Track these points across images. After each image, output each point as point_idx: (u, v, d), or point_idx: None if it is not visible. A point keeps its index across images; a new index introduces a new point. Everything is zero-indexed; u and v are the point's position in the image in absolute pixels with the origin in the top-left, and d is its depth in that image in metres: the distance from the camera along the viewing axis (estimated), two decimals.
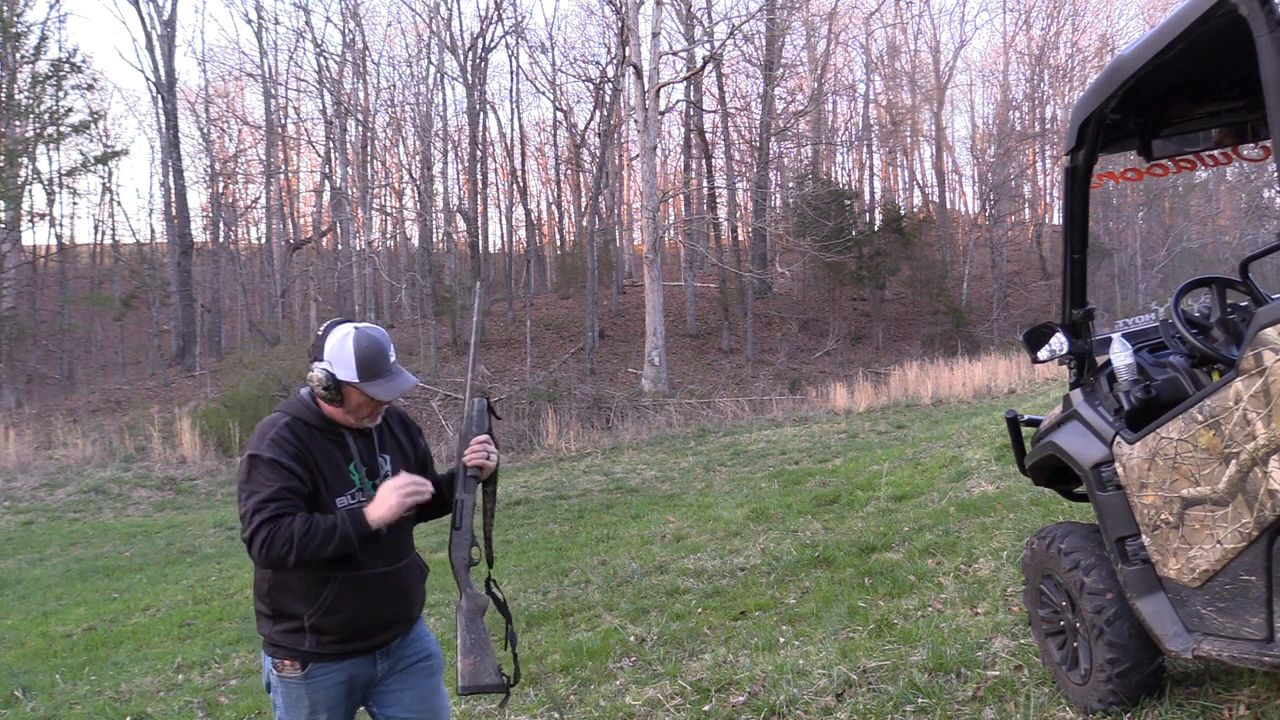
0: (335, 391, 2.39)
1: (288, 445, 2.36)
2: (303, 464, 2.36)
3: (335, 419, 2.46)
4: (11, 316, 25.95)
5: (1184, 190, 34.25)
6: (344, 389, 2.40)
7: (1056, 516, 5.77)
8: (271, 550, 2.24)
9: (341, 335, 2.41)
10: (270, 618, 2.45)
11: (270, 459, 2.32)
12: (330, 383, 2.38)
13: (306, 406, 2.47)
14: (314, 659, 2.43)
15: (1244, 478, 2.29)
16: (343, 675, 2.48)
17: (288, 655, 2.43)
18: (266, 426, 2.41)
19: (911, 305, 32.88)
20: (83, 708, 5.43)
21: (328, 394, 2.40)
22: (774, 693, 3.78)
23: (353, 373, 2.38)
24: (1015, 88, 38.83)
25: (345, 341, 2.39)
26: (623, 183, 38.24)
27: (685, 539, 8.15)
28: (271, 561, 2.27)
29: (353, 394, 2.42)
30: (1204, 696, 2.93)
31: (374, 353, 2.40)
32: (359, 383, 2.38)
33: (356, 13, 31.15)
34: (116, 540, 12.31)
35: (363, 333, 2.43)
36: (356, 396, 2.42)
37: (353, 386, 2.40)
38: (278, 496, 2.28)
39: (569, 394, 21.76)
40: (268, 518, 2.25)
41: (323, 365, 2.39)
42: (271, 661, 2.48)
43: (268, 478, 2.31)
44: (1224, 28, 2.15)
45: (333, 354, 2.39)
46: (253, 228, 41.64)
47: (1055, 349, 3.23)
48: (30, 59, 26.61)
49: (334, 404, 2.42)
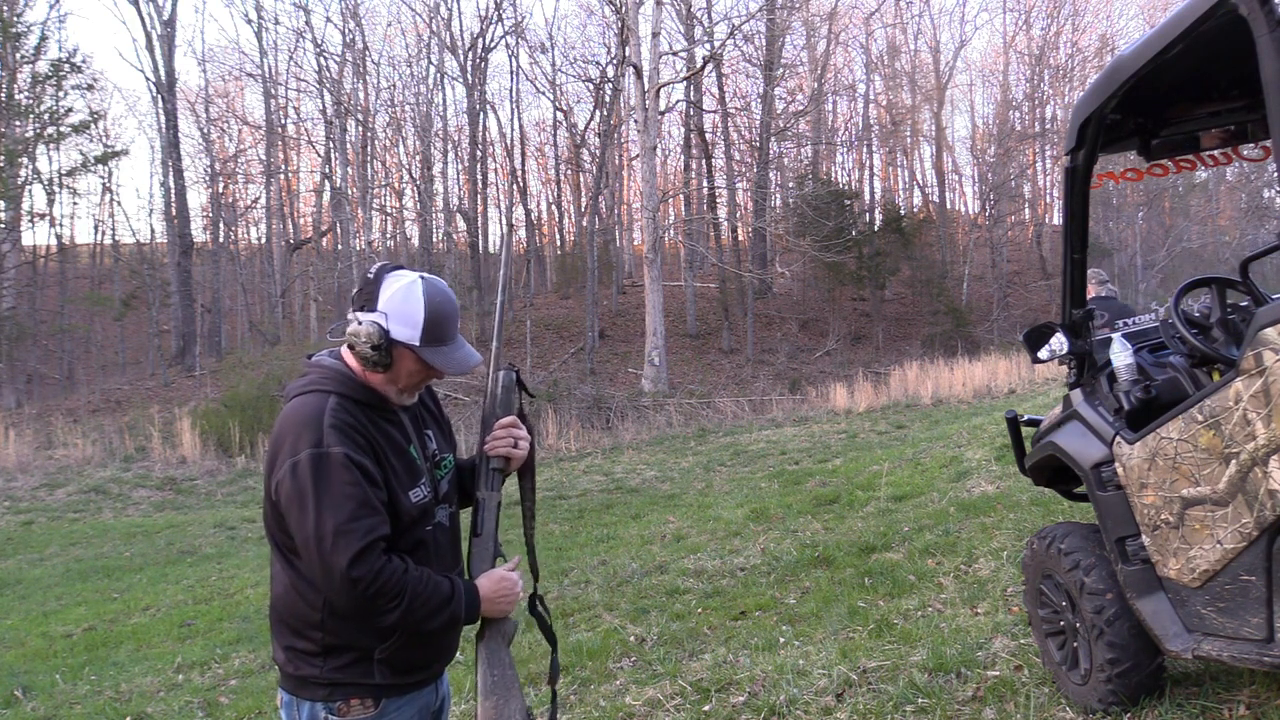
0: (385, 354, 1.84)
1: (353, 434, 1.81)
2: (374, 457, 1.84)
3: (385, 393, 1.93)
4: (11, 316, 25.95)
5: (1184, 190, 34.27)
6: (396, 351, 1.86)
7: (1056, 516, 5.78)
8: (378, 599, 1.76)
9: (405, 284, 1.87)
10: (319, 654, 1.88)
11: (342, 455, 1.77)
12: (381, 341, 1.83)
13: (348, 378, 1.89)
14: (386, 693, 1.91)
15: (1244, 478, 2.29)
16: (414, 710, 1.99)
17: (355, 692, 1.89)
18: (313, 414, 1.81)
19: (911, 305, 32.87)
20: (83, 708, 5.43)
21: (375, 355, 1.83)
22: (774, 693, 3.77)
23: (415, 332, 1.85)
24: (1015, 88, 38.87)
25: (411, 291, 1.86)
26: (623, 183, 38.24)
27: (685, 539, 8.15)
28: (364, 609, 1.78)
29: (406, 359, 1.88)
30: (1204, 696, 2.93)
31: (446, 310, 1.89)
32: (419, 346, 1.86)
33: (356, 13, 31.16)
34: (116, 540, 12.31)
35: (432, 284, 1.89)
36: (410, 363, 1.89)
37: (409, 350, 1.86)
38: (364, 514, 1.76)
39: (569, 394, 21.75)
40: (361, 548, 1.74)
41: (373, 318, 1.83)
42: (326, 708, 1.88)
43: (343, 487, 1.76)
44: (1224, 28, 2.15)
45: (391, 305, 1.84)
46: (253, 228, 41.67)
47: (1055, 349, 3.23)
48: (30, 59, 26.61)
49: (376, 369, 1.86)
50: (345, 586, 1.74)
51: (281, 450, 1.81)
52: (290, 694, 1.94)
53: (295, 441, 1.80)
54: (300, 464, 1.77)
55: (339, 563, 1.73)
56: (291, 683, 1.93)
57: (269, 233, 37.78)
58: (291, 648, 1.91)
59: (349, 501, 1.76)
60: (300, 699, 1.91)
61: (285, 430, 1.84)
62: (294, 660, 1.91)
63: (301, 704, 1.91)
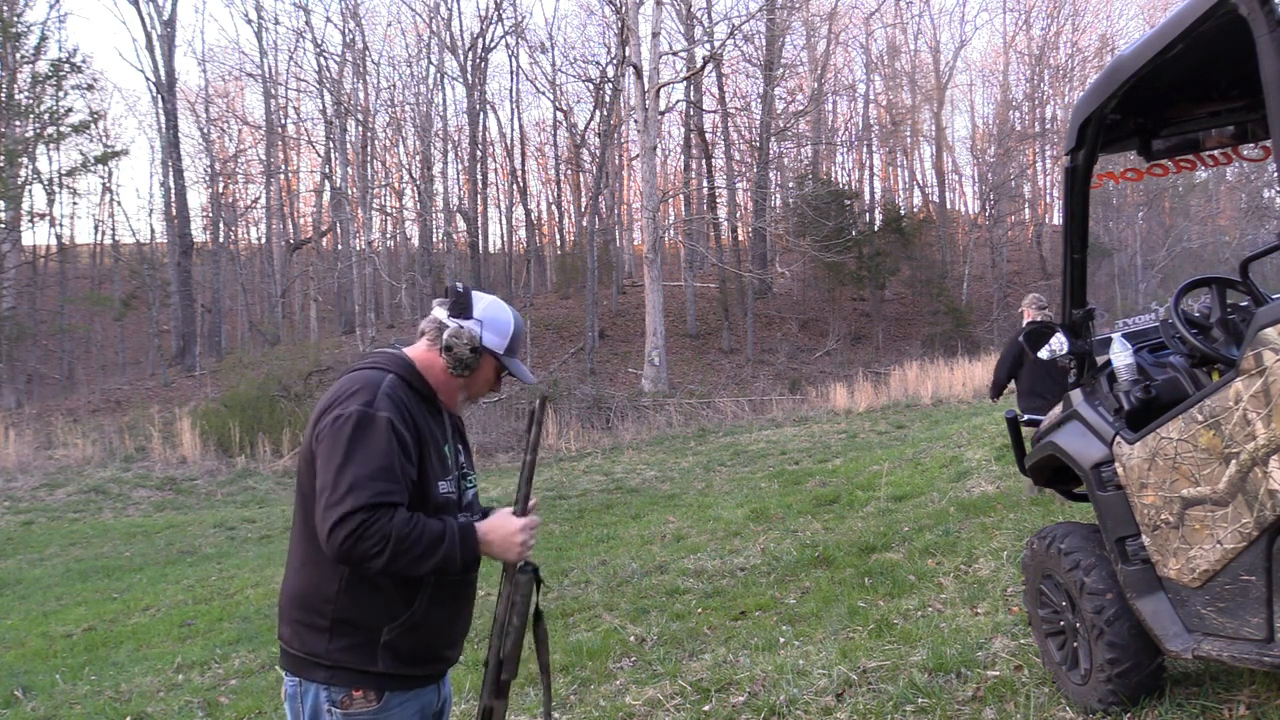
0: (477, 357, 2.05)
1: (402, 408, 1.94)
2: (413, 435, 1.94)
3: (435, 390, 2.09)
4: (11, 316, 25.95)
5: (1184, 190, 34.26)
6: (483, 357, 2.07)
7: (1056, 516, 5.78)
8: (359, 544, 1.80)
9: (493, 300, 2.13)
10: (326, 630, 1.92)
11: (387, 419, 1.88)
12: (478, 344, 2.04)
13: (409, 365, 2.05)
14: (389, 684, 1.95)
15: (1244, 478, 2.29)
16: (416, 707, 2.03)
17: (357, 682, 1.92)
18: (371, 380, 1.95)
19: (911, 305, 32.87)
20: (83, 708, 5.43)
21: (470, 358, 2.03)
22: (774, 693, 3.77)
23: (503, 341, 2.09)
24: (1015, 88, 38.88)
25: (501, 306, 2.12)
26: (623, 183, 38.24)
27: (685, 539, 8.15)
28: (350, 557, 1.83)
29: (489, 366, 2.10)
30: (1204, 696, 2.93)
31: (522, 329, 2.17)
32: (504, 355, 2.10)
33: (356, 13, 31.14)
34: (116, 540, 12.31)
35: (510, 305, 2.17)
36: (489, 371, 2.11)
37: (494, 357, 2.09)
38: (385, 478, 1.84)
39: (569, 394, 21.75)
40: (367, 504, 1.81)
41: (472, 324, 2.05)
42: (328, 693, 1.92)
43: (378, 447, 1.85)
44: (1224, 28, 2.15)
45: (486, 315, 2.08)
46: (253, 228, 41.70)
47: (1055, 349, 3.23)
48: (30, 59, 26.62)
49: (458, 371, 2.05)
50: (337, 533, 1.80)
51: (332, 406, 1.93)
52: (293, 675, 1.97)
53: (347, 400, 1.91)
54: (346, 417, 1.88)
55: (341, 508, 1.80)
56: (294, 663, 1.96)
57: (269, 233, 37.80)
58: (300, 622, 1.95)
59: (378, 460, 1.85)
60: (304, 681, 1.94)
61: (340, 390, 1.95)
62: (300, 635, 1.95)
63: (306, 691, 1.94)
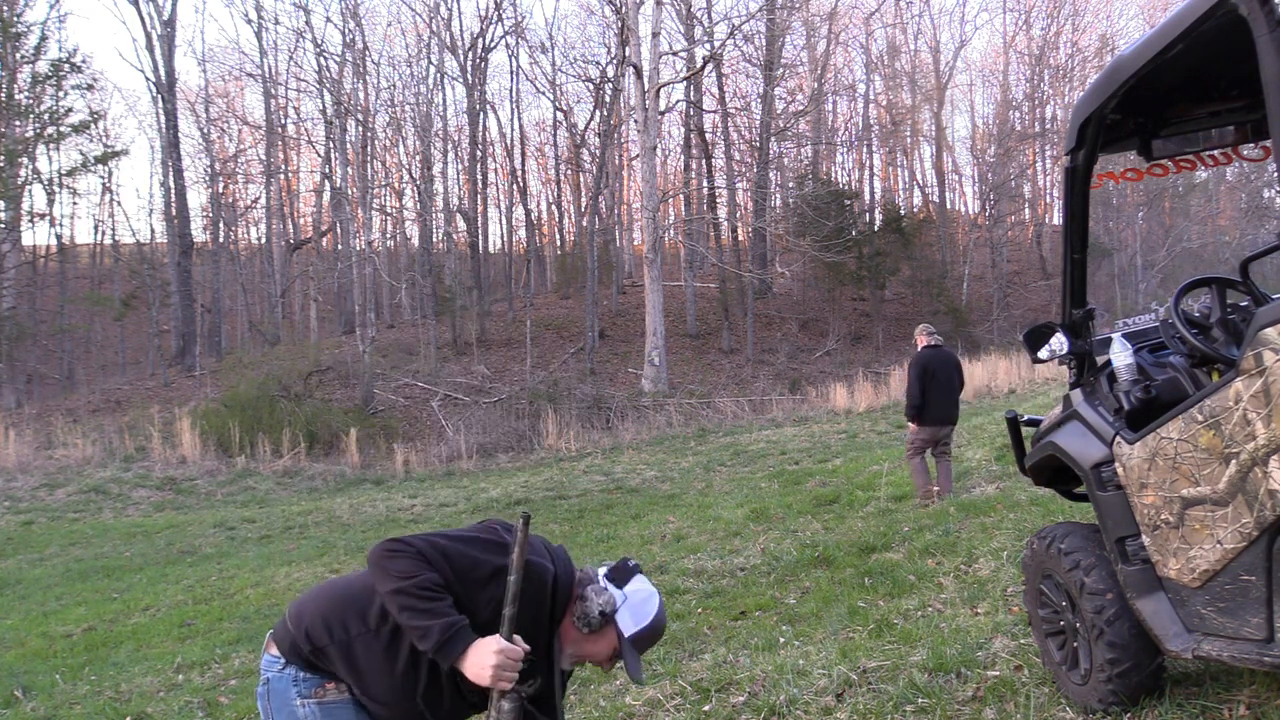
0: (601, 622, 2.16)
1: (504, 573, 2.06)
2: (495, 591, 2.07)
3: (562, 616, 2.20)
4: (11, 316, 25.95)
5: (1184, 190, 34.26)
6: (607, 628, 2.17)
7: (1056, 516, 5.77)
8: (388, 562, 1.97)
9: (650, 590, 2.23)
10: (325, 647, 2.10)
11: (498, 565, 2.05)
12: (610, 611, 2.15)
13: (555, 577, 2.19)
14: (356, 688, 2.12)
15: (1244, 478, 2.29)
16: None
17: (330, 677, 2.10)
18: (537, 567, 2.12)
19: (911, 305, 32.86)
20: (83, 708, 5.43)
21: (598, 620, 2.15)
22: (774, 693, 3.77)
23: (635, 628, 2.18)
24: (1015, 88, 38.88)
25: (652, 599, 2.22)
26: (623, 183, 38.24)
27: (685, 539, 8.16)
28: (374, 564, 2.00)
29: (609, 641, 2.18)
30: (1204, 697, 2.92)
31: (659, 633, 2.25)
32: (629, 638, 2.17)
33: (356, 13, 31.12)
34: (116, 540, 12.31)
35: (663, 609, 2.27)
36: (607, 647, 2.19)
37: (619, 635, 2.17)
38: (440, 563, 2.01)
39: (569, 394, 21.75)
40: (419, 554, 1.98)
41: (618, 595, 2.18)
42: (299, 686, 2.09)
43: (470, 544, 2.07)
44: (1224, 28, 2.15)
45: (634, 598, 2.19)
46: (253, 228, 41.70)
47: (1055, 349, 3.23)
48: (30, 59, 26.62)
49: (587, 629, 2.17)
50: (382, 542, 2.01)
51: None
52: (268, 656, 2.14)
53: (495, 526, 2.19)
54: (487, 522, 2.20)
55: (395, 543, 2.01)
56: (284, 639, 2.13)
57: (269, 233, 37.79)
58: (320, 615, 2.12)
59: (457, 546, 2.05)
60: (274, 665, 2.12)
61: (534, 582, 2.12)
62: (313, 628, 2.10)
63: (278, 682, 2.10)
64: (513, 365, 26.82)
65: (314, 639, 2.09)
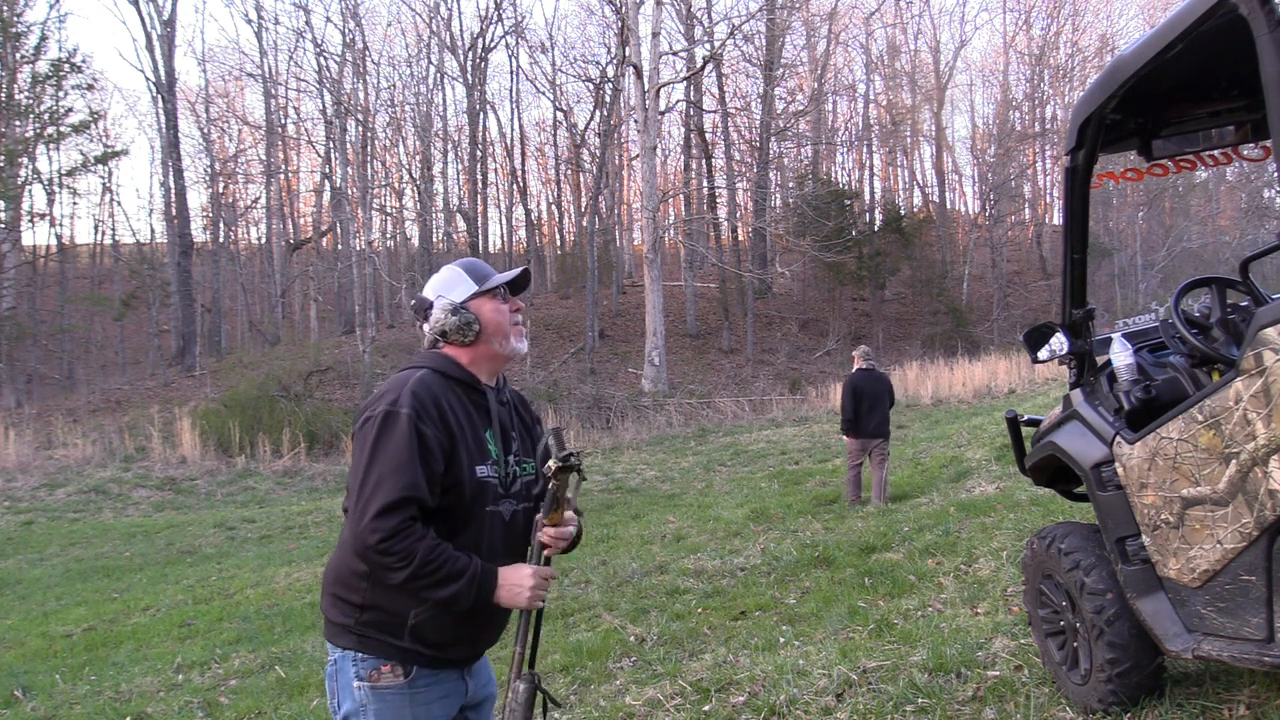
0: (466, 313, 2.10)
1: (430, 404, 1.98)
2: (444, 427, 1.99)
3: (477, 373, 2.14)
4: (11, 316, 25.96)
5: (1184, 190, 34.28)
6: (472, 307, 2.12)
7: (1056, 516, 5.78)
8: (385, 557, 1.87)
9: (440, 271, 2.20)
10: (358, 606, 2.00)
11: (411, 419, 1.93)
12: (456, 308, 2.10)
13: (443, 357, 2.11)
14: (417, 659, 2.01)
15: (1244, 478, 2.29)
16: (443, 691, 2.07)
17: (385, 655, 1.99)
18: (401, 380, 2.02)
19: (911, 305, 32.87)
20: (83, 708, 5.42)
21: (459, 319, 2.09)
22: (774, 693, 3.77)
23: (469, 284, 2.13)
24: (1015, 88, 38.88)
25: (445, 270, 2.18)
26: (623, 183, 38.25)
27: (685, 539, 8.16)
28: (373, 563, 1.91)
29: (484, 307, 2.13)
30: (1204, 696, 2.92)
31: (475, 264, 2.19)
32: (482, 290, 2.13)
33: (356, 13, 31.15)
34: (116, 540, 12.31)
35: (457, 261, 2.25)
36: (489, 308, 2.13)
37: (481, 297, 2.13)
38: (412, 485, 1.90)
39: (569, 394, 21.75)
40: (398, 500, 1.87)
41: (436, 306, 2.12)
42: (356, 667, 2.01)
43: (402, 451, 1.91)
44: (1224, 28, 2.15)
45: (438, 286, 2.15)
46: (253, 228, 41.70)
47: (1055, 349, 3.23)
48: (30, 59, 26.64)
49: (472, 338, 2.11)
50: (367, 530, 1.87)
51: (365, 409, 2.01)
52: (332, 646, 2.05)
53: (377, 402, 1.99)
54: (372, 419, 1.96)
55: (371, 508, 1.88)
56: (330, 631, 2.05)
57: (269, 233, 37.80)
58: (336, 595, 2.04)
59: (399, 470, 1.90)
60: (336, 648, 2.03)
61: (377, 394, 2.03)
62: (336, 606, 2.03)
63: (343, 661, 2.02)
64: (513, 365, 26.80)
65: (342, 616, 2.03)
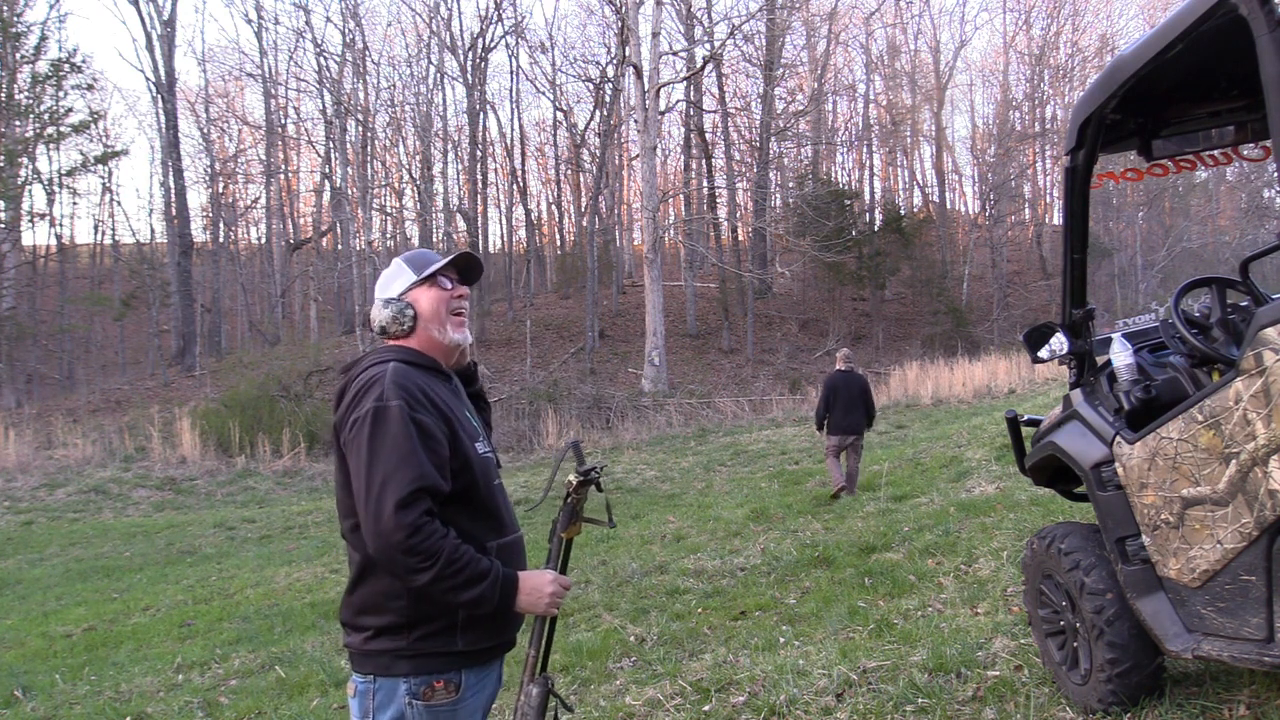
0: (404, 306, 2.06)
1: (416, 391, 1.92)
2: (437, 411, 1.93)
3: (430, 354, 2.09)
4: (11, 316, 25.96)
5: (1184, 190, 34.28)
6: (410, 299, 2.08)
7: (1056, 516, 5.77)
8: (413, 554, 1.78)
9: (385, 270, 2.18)
10: (405, 626, 1.91)
11: (403, 409, 1.86)
12: (393, 301, 2.07)
13: (404, 349, 2.06)
14: (466, 665, 1.95)
15: (1244, 478, 2.29)
16: (487, 688, 2.03)
17: (440, 669, 1.92)
18: (376, 374, 1.93)
19: (911, 305, 32.87)
20: (83, 708, 5.42)
21: (403, 318, 2.05)
22: (774, 693, 3.77)
23: (408, 275, 2.09)
24: (1015, 88, 38.87)
25: (390, 264, 2.16)
26: (623, 183, 38.25)
27: (685, 539, 8.15)
28: (398, 565, 1.80)
29: (422, 296, 2.08)
30: (1204, 696, 2.92)
31: (416, 255, 2.15)
32: (420, 279, 2.08)
33: (356, 13, 31.15)
34: (116, 540, 12.31)
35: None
36: (428, 296, 2.08)
37: (420, 286, 2.08)
38: (421, 475, 1.82)
39: (569, 394, 21.75)
40: (412, 494, 1.80)
41: (377, 304, 2.10)
42: (409, 685, 1.91)
43: (403, 443, 1.84)
44: (1224, 28, 2.15)
45: (380, 286, 2.13)
46: (253, 228, 41.71)
47: (1055, 349, 3.23)
48: (30, 59, 26.64)
49: (409, 325, 2.06)
50: (388, 530, 1.78)
51: (350, 412, 1.92)
52: (370, 675, 1.92)
53: (361, 400, 1.91)
54: (361, 419, 1.88)
55: (386, 507, 1.78)
56: (372, 663, 1.92)
57: (269, 233, 37.80)
58: (375, 627, 1.92)
59: (401, 448, 1.83)
60: (379, 678, 1.91)
61: (353, 395, 1.94)
62: (378, 638, 1.92)
63: (382, 687, 1.91)
64: (513, 365, 26.82)
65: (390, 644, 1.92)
